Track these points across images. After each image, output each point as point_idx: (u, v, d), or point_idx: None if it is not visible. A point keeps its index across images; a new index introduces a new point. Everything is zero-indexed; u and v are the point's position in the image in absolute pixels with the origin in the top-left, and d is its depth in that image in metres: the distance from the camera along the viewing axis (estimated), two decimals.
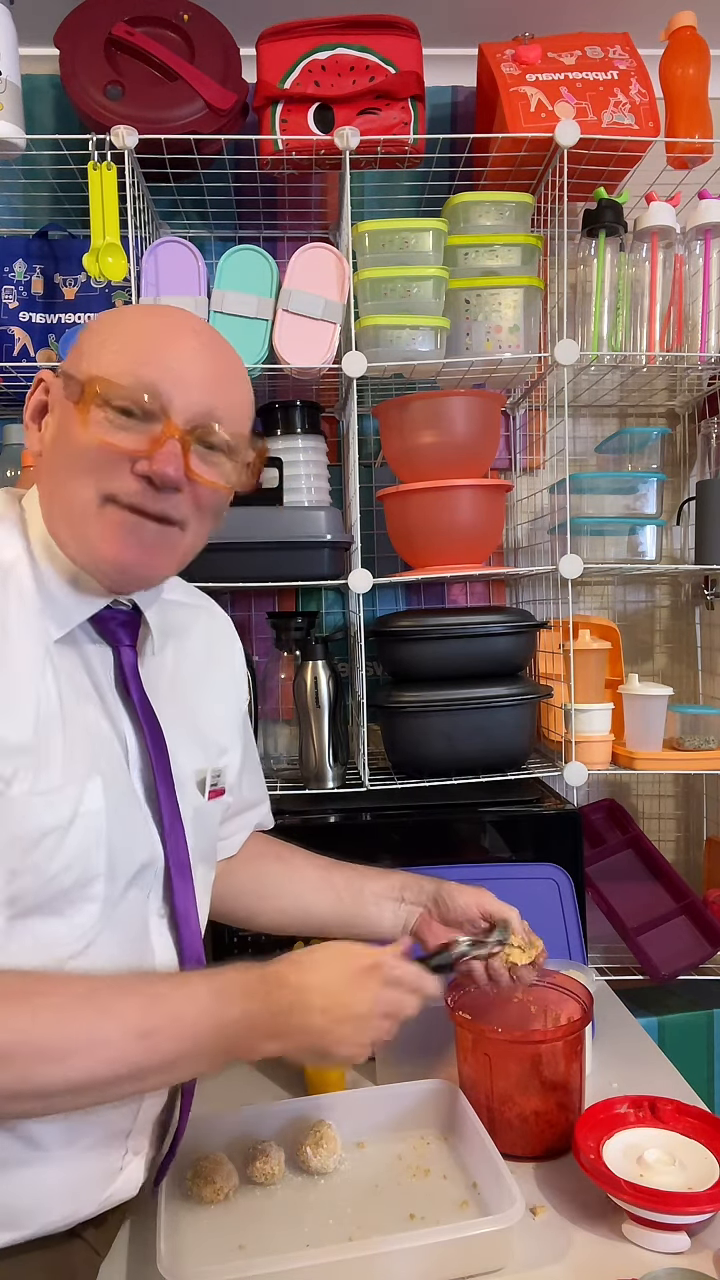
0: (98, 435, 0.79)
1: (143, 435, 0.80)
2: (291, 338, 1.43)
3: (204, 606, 1.06)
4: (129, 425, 0.79)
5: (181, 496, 0.82)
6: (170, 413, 0.80)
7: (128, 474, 0.80)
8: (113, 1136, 0.83)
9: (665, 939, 1.54)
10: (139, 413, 0.79)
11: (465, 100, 1.75)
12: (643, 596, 1.88)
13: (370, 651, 1.54)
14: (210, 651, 1.03)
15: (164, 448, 0.79)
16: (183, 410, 0.80)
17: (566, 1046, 0.97)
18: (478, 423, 1.53)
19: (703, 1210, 0.84)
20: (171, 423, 0.80)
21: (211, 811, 0.97)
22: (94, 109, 1.46)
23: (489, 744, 1.49)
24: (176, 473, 0.79)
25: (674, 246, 1.53)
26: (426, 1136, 1.00)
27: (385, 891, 1.08)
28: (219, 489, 0.84)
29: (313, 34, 1.49)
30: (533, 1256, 0.84)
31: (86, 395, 0.79)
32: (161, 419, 0.80)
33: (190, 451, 0.81)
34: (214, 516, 0.88)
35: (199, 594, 1.07)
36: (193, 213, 1.70)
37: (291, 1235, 0.87)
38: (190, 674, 0.98)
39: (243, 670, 1.09)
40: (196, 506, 0.84)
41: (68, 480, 0.81)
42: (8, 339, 1.56)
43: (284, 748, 1.64)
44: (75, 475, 0.80)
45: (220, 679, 1.03)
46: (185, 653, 0.98)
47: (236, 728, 1.04)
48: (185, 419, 0.81)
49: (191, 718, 0.95)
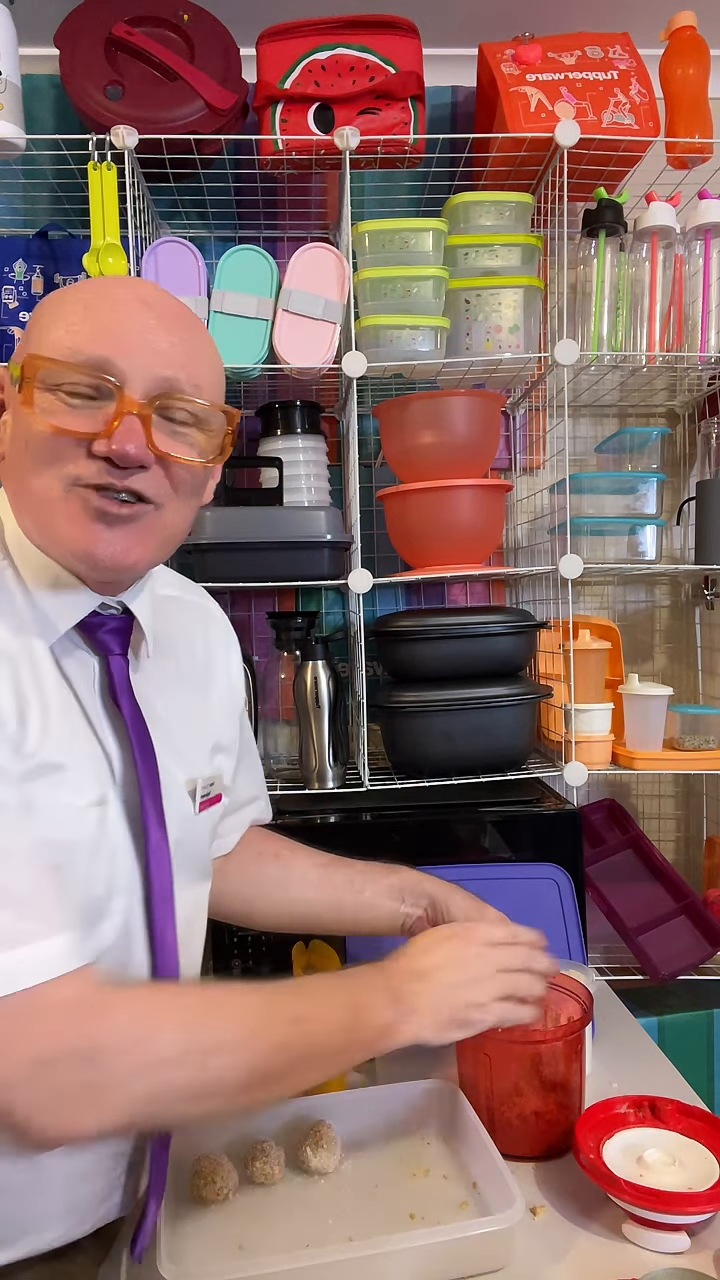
0: (48, 421, 0.74)
1: (97, 415, 0.75)
2: (291, 338, 1.43)
3: (199, 602, 1.03)
4: (82, 406, 0.75)
5: (151, 474, 0.77)
6: (125, 387, 0.75)
7: (85, 457, 0.75)
8: (111, 1156, 0.82)
9: (665, 939, 1.54)
10: (90, 391, 0.75)
11: (465, 100, 1.75)
12: (643, 596, 1.88)
13: (370, 651, 1.54)
14: (208, 649, 1.00)
15: (122, 424, 0.74)
16: (139, 383, 0.75)
17: (566, 1046, 0.97)
18: (478, 423, 1.53)
19: (703, 1210, 0.84)
20: (127, 397, 0.75)
21: (202, 822, 0.93)
22: (94, 109, 1.46)
23: (489, 744, 1.49)
24: (138, 450, 0.74)
25: (674, 246, 1.53)
26: (426, 1136, 1.00)
27: (385, 892, 1.06)
28: (191, 465, 0.79)
29: (313, 34, 1.49)
30: (533, 1256, 0.84)
31: (28, 380, 0.74)
32: (114, 395, 0.75)
33: (152, 426, 0.76)
34: (193, 493, 0.83)
35: (193, 587, 1.03)
36: (193, 213, 1.70)
37: (291, 1235, 0.86)
38: (188, 674, 0.95)
39: (239, 665, 1.06)
40: (171, 484, 0.79)
41: (29, 475, 0.77)
42: (8, 339, 1.56)
43: (284, 748, 1.64)
44: (35, 468, 0.76)
45: (218, 676, 1.01)
46: (182, 653, 0.95)
47: (235, 725, 1.03)
48: (142, 392, 0.76)
49: (187, 722, 0.92)
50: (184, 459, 0.79)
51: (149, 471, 0.77)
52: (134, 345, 0.76)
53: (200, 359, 0.80)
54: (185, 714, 0.92)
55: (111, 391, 0.75)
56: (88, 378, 0.74)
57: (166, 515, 0.80)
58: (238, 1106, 0.77)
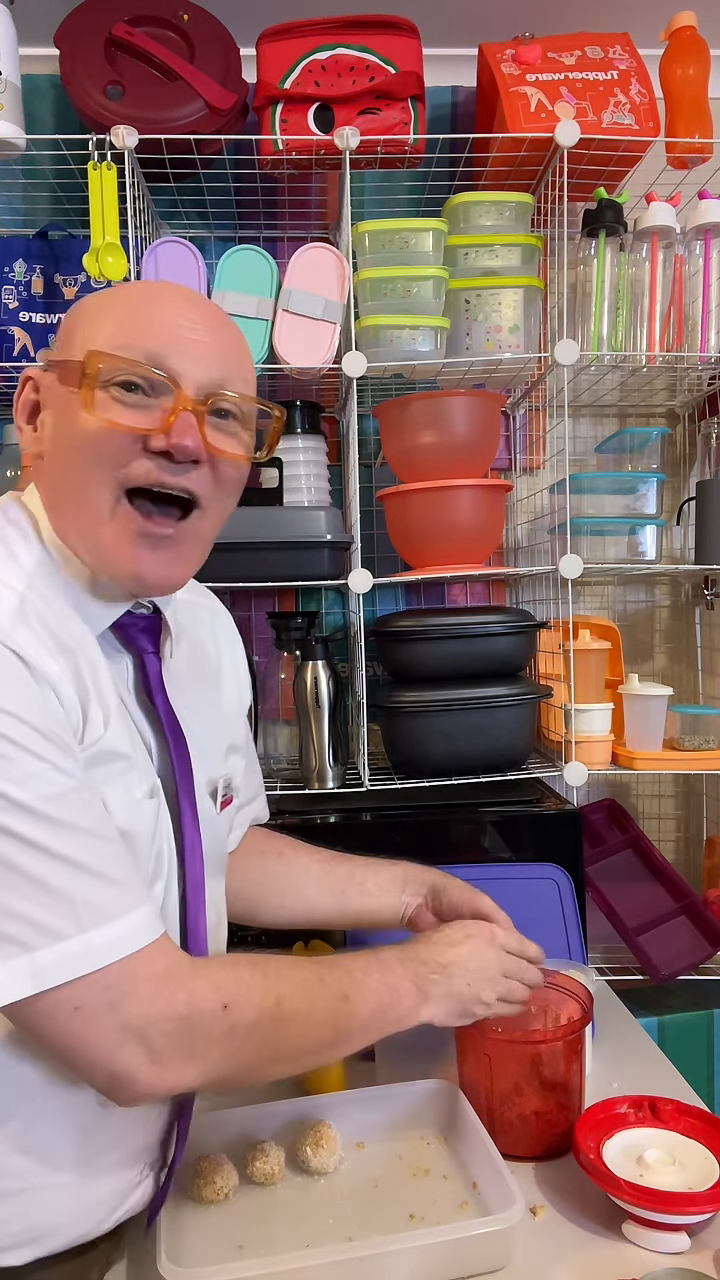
0: (104, 416, 0.75)
1: (153, 411, 0.76)
2: (291, 338, 1.43)
3: (207, 603, 1.04)
4: (137, 402, 0.76)
5: (201, 471, 0.78)
6: (180, 383, 0.76)
7: (141, 454, 0.76)
8: (130, 1155, 0.82)
9: (665, 939, 1.54)
10: (146, 387, 0.76)
11: (465, 100, 1.75)
12: (643, 596, 1.88)
13: (370, 651, 1.54)
14: (219, 649, 1.02)
15: (179, 419, 0.75)
16: (192, 380, 0.77)
17: (566, 1046, 0.97)
18: (478, 423, 1.53)
19: (703, 1210, 0.84)
20: (182, 393, 0.76)
21: (222, 821, 0.96)
22: (94, 109, 1.46)
23: (489, 744, 1.49)
24: (195, 444, 0.76)
25: (674, 246, 1.53)
26: (426, 1136, 1.00)
27: (387, 884, 1.08)
28: (239, 459, 0.81)
29: (313, 34, 1.49)
30: (533, 1256, 0.84)
31: (88, 375, 0.74)
32: (171, 390, 0.75)
33: (205, 423, 0.77)
34: (233, 491, 0.84)
35: (199, 588, 1.04)
36: (193, 213, 1.70)
37: (291, 1235, 0.86)
38: (203, 675, 0.97)
39: (244, 665, 1.08)
40: (217, 482, 0.80)
41: (78, 476, 0.77)
42: (8, 339, 1.56)
43: (284, 748, 1.64)
44: (86, 468, 0.76)
45: (228, 676, 1.03)
46: (196, 653, 0.97)
47: (244, 725, 1.05)
48: (196, 389, 0.77)
49: (205, 722, 0.93)
50: (233, 454, 0.80)
51: (199, 469, 0.78)
52: (185, 344, 0.77)
53: (244, 358, 0.83)
54: (203, 715, 0.94)
55: (167, 387, 0.76)
56: (147, 373, 0.75)
57: (207, 519, 0.82)
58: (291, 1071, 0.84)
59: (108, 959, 0.69)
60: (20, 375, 0.83)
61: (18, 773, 0.67)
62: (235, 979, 0.76)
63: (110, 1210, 0.81)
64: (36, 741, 0.69)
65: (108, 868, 0.71)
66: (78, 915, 0.68)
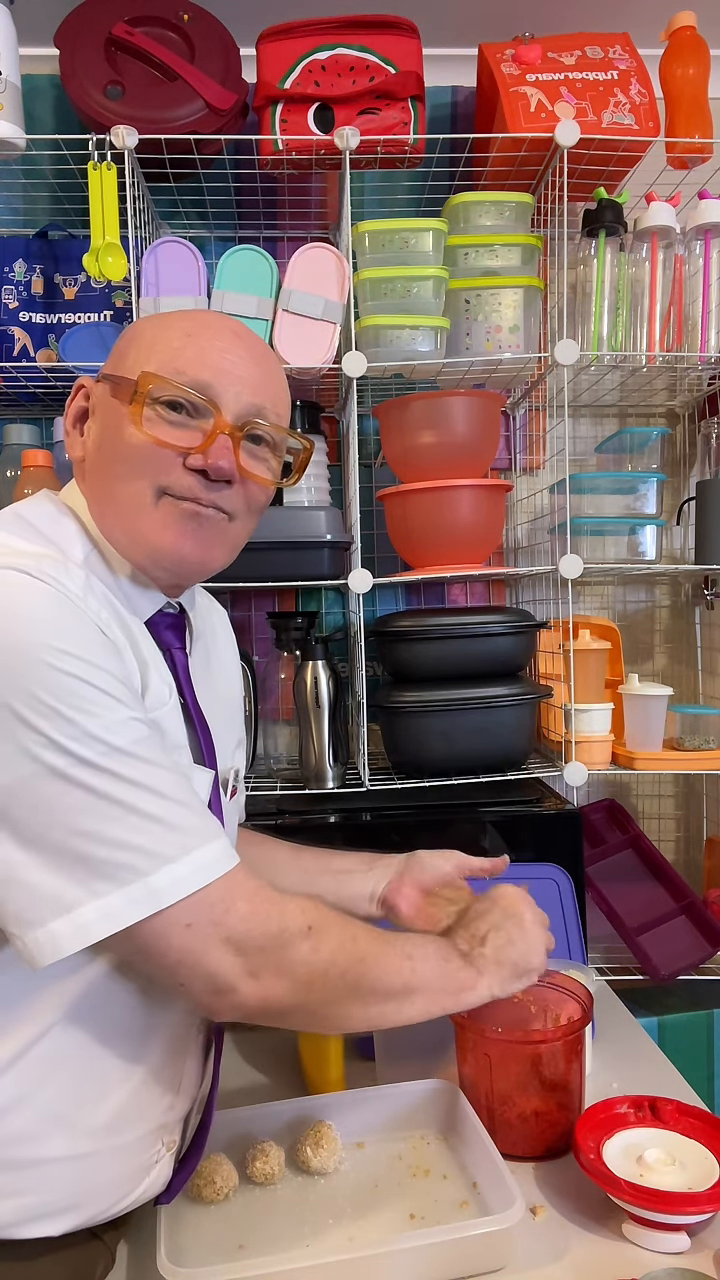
0: (150, 432, 0.81)
1: (195, 431, 0.83)
2: (291, 338, 1.43)
3: (209, 603, 1.09)
4: (181, 422, 0.83)
5: (232, 490, 0.85)
6: (221, 408, 0.83)
7: (180, 469, 0.83)
8: (153, 1131, 0.84)
9: (665, 939, 1.54)
10: (190, 409, 0.83)
11: (465, 100, 1.75)
12: (643, 596, 1.88)
13: (370, 651, 1.54)
14: (229, 646, 1.09)
15: (216, 442, 0.82)
16: (232, 407, 0.84)
17: (566, 1046, 0.97)
18: (478, 423, 1.53)
19: (703, 1210, 0.84)
20: (222, 418, 0.83)
21: (231, 811, 0.99)
22: (94, 109, 1.46)
23: (489, 744, 1.49)
24: (230, 465, 0.83)
25: (674, 246, 1.53)
26: (426, 1136, 1.00)
27: (352, 865, 1.11)
28: (266, 484, 0.88)
29: (313, 34, 1.49)
30: (533, 1256, 0.84)
31: (140, 393, 0.81)
32: (213, 414, 0.83)
33: (240, 447, 0.84)
34: (259, 513, 0.91)
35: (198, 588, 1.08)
36: (193, 213, 1.70)
37: (291, 1235, 0.86)
38: (216, 671, 1.01)
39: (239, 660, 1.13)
40: (246, 501, 0.87)
41: (120, 480, 0.84)
42: (8, 339, 1.56)
43: (284, 748, 1.64)
44: (128, 474, 0.83)
45: (233, 673, 1.08)
46: (210, 650, 1.01)
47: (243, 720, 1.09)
48: (234, 415, 0.84)
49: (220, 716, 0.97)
50: (262, 477, 0.87)
51: (232, 488, 0.85)
52: (229, 373, 0.84)
53: (281, 391, 0.90)
54: (218, 709, 0.98)
55: (209, 411, 0.83)
56: (193, 397, 0.82)
57: (236, 527, 0.88)
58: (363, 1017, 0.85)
59: (211, 876, 0.75)
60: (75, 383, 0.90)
61: (112, 719, 0.73)
62: (315, 908, 0.82)
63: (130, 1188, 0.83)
64: (122, 692, 0.75)
65: (191, 800, 0.77)
66: (181, 840, 0.74)
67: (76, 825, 0.71)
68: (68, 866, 0.71)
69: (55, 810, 0.71)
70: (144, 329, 0.87)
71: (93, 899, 0.71)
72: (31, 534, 0.81)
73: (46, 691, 0.70)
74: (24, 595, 0.72)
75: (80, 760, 0.71)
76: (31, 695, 0.70)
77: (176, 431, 0.82)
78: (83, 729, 0.71)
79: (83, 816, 0.71)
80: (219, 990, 0.77)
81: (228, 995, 0.77)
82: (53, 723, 0.70)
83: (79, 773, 0.71)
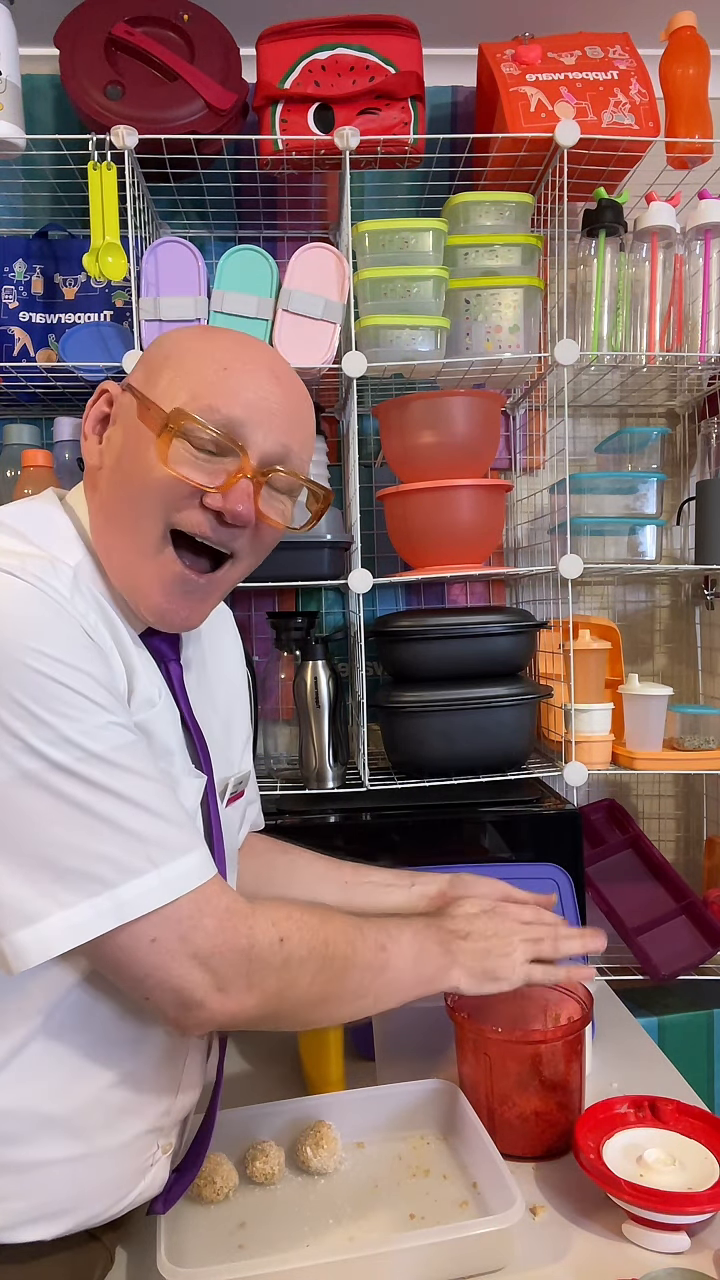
0: (175, 469, 0.80)
1: (217, 471, 0.81)
2: (291, 338, 1.43)
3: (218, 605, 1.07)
4: (204, 460, 0.81)
5: (244, 532, 0.83)
6: (247, 451, 0.81)
7: (196, 507, 0.81)
8: (149, 1133, 0.84)
9: (665, 939, 1.54)
10: (216, 449, 0.81)
11: (465, 100, 1.75)
12: (643, 596, 1.88)
13: (370, 651, 1.54)
14: (234, 647, 1.07)
15: (238, 485, 0.80)
16: (258, 449, 0.82)
17: (566, 1046, 0.97)
18: (478, 423, 1.53)
19: (703, 1210, 0.84)
20: (247, 461, 0.81)
21: (233, 819, 0.98)
22: (94, 109, 1.46)
23: (489, 744, 1.49)
24: (247, 511, 0.81)
25: (674, 246, 1.53)
26: (426, 1136, 1.00)
27: (393, 880, 1.10)
28: (278, 527, 0.86)
29: (313, 34, 1.49)
30: (533, 1256, 0.84)
31: (171, 428, 0.79)
32: (239, 456, 0.81)
33: (260, 491, 0.83)
34: (266, 550, 0.89)
35: None
36: (193, 213, 1.70)
37: (291, 1235, 0.86)
38: (216, 674, 1.00)
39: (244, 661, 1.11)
40: (255, 542, 0.86)
41: (133, 507, 0.82)
42: (8, 339, 1.56)
43: (284, 748, 1.64)
44: (143, 504, 0.81)
45: (237, 675, 1.06)
46: (210, 652, 1.00)
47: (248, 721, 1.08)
48: (259, 458, 0.82)
49: (220, 725, 0.96)
50: (275, 521, 0.85)
51: (244, 530, 0.83)
52: (261, 416, 0.82)
53: (308, 436, 0.88)
54: (221, 714, 0.97)
55: (235, 452, 0.81)
56: (220, 437, 0.80)
57: (237, 569, 0.87)
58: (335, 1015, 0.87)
59: (180, 891, 0.74)
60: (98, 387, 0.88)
61: (90, 724, 0.72)
62: (288, 916, 0.82)
63: (126, 1190, 0.83)
64: (104, 697, 0.74)
65: (170, 811, 0.76)
66: (151, 854, 0.73)
67: (46, 833, 0.70)
68: (35, 875, 0.70)
69: (25, 816, 0.69)
70: (183, 352, 0.84)
71: (59, 909, 0.70)
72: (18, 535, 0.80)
73: (23, 693, 0.69)
74: (4, 594, 0.71)
75: (54, 765, 0.69)
76: (8, 696, 0.68)
77: (199, 470, 0.80)
78: (59, 733, 0.70)
79: (53, 824, 0.70)
80: (186, 1005, 0.76)
81: (195, 1010, 0.76)
82: (28, 725, 0.69)
83: (52, 778, 0.69)
